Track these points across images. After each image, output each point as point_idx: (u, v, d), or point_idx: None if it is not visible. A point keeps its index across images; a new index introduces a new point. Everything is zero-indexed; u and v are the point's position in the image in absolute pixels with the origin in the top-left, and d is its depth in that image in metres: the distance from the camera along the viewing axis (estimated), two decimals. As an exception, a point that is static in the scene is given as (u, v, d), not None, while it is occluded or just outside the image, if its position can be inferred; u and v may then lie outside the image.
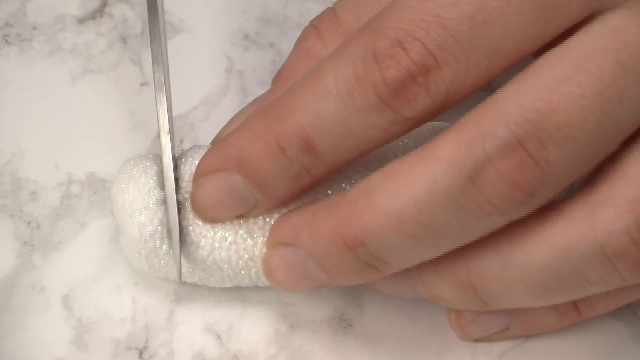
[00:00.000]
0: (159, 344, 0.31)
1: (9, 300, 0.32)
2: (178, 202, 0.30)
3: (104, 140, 0.36)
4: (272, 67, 0.38)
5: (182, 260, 0.30)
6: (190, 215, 0.30)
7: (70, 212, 0.34)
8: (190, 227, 0.30)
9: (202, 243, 0.30)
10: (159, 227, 0.30)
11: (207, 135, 0.36)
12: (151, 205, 0.30)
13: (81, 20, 0.39)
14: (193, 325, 0.32)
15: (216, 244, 0.30)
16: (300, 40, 0.32)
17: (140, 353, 0.31)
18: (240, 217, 0.30)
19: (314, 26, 0.31)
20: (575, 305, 0.31)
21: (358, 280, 0.28)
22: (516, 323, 0.31)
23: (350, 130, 0.27)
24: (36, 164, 0.35)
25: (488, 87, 0.27)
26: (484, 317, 0.31)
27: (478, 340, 0.31)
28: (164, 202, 0.30)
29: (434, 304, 0.30)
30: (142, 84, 0.37)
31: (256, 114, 0.29)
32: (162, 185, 0.30)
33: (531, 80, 0.25)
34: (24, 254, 0.33)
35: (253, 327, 0.32)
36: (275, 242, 0.29)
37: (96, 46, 0.38)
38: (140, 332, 0.32)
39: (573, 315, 0.31)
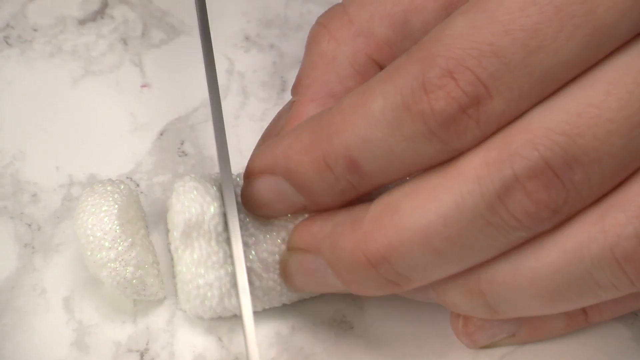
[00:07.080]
0: (160, 346, 0.31)
1: (9, 302, 0.32)
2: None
3: (105, 142, 0.36)
4: (272, 69, 0.38)
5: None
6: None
7: (71, 214, 0.34)
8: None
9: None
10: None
11: (207, 137, 0.36)
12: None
13: (82, 22, 0.39)
14: (194, 327, 0.32)
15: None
16: (311, 43, 0.31)
17: (141, 355, 0.31)
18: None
19: (324, 26, 0.30)
20: (583, 309, 0.30)
21: (377, 294, 0.28)
22: (524, 329, 0.31)
23: (397, 156, 0.26)
24: (37, 165, 0.35)
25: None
26: (492, 322, 0.31)
27: (485, 347, 0.31)
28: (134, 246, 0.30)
29: (435, 306, 0.30)
30: (143, 86, 0.37)
31: (305, 125, 0.28)
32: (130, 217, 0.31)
33: (560, 100, 0.25)
34: (24, 256, 0.33)
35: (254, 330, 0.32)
36: (295, 246, 0.29)
37: (97, 48, 0.38)
38: (141, 334, 0.32)
39: (581, 319, 0.31)
